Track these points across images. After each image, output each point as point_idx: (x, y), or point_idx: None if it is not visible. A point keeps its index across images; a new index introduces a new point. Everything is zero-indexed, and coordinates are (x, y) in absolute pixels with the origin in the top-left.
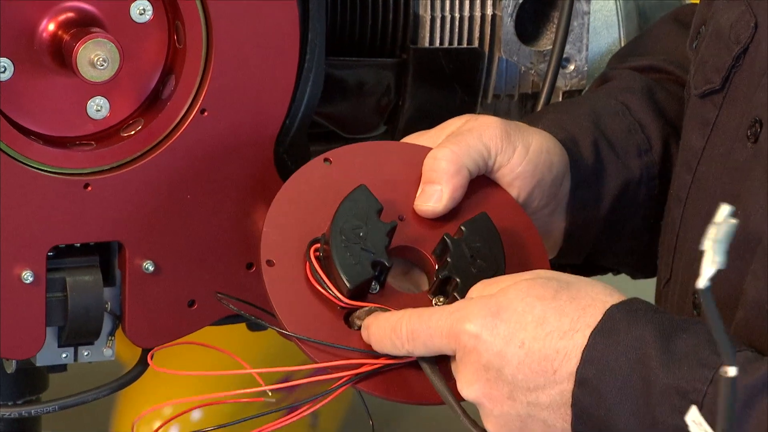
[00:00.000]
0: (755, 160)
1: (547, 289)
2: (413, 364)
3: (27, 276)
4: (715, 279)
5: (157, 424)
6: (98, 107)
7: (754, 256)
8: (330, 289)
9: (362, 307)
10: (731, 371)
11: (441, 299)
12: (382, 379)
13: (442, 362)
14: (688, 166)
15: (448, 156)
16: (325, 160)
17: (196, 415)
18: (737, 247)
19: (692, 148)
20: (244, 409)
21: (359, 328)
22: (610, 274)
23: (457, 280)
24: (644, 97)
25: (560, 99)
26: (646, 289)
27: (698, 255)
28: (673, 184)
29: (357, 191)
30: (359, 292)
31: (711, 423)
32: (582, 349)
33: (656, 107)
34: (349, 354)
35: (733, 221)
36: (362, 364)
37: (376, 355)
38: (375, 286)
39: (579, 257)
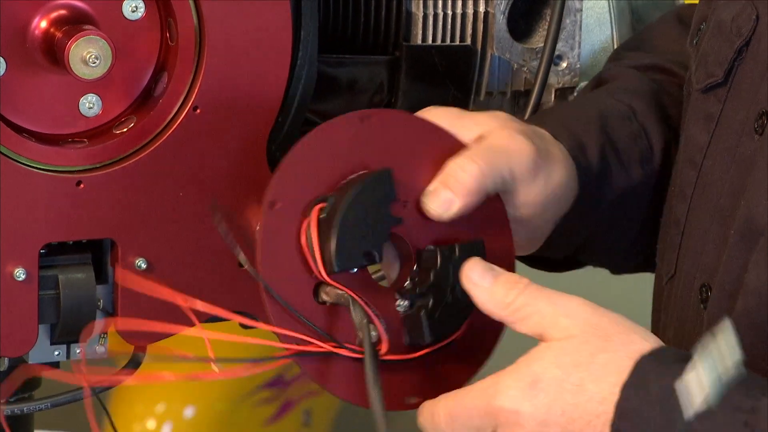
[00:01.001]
0: (761, 152)
1: (582, 354)
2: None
3: (19, 273)
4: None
5: (150, 421)
6: (90, 105)
7: (756, 246)
8: (315, 259)
9: (336, 288)
10: None
11: (404, 305)
12: (326, 367)
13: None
14: (693, 162)
15: (474, 173)
16: (361, 119)
17: (188, 412)
18: (741, 239)
19: (696, 144)
20: (237, 409)
21: (324, 302)
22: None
23: (430, 301)
24: (651, 102)
25: (552, 96)
26: (647, 285)
27: (706, 250)
28: (675, 181)
29: (382, 174)
30: (340, 272)
31: None
32: (615, 403)
33: (661, 112)
34: (303, 326)
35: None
36: (310, 342)
37: (327, 339)
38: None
39: (562, 254)
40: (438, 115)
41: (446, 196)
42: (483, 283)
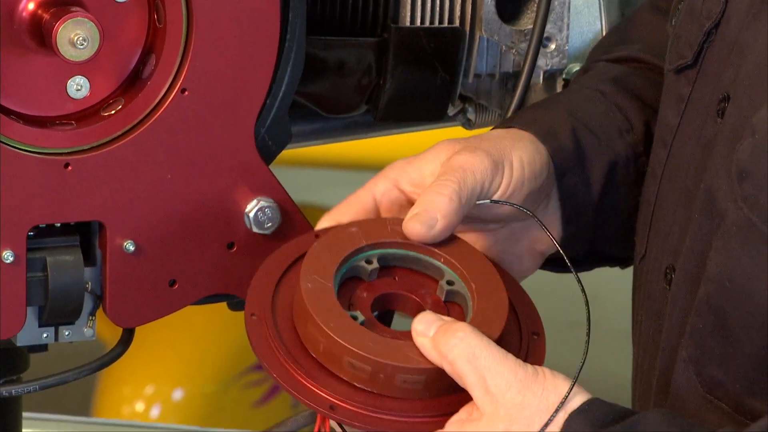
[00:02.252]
0: (721, 135)
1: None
2: None
3: (7, 256)
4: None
5: (139, 404)
6: (78, 87)
7: (718, 230)
8: None
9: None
10: None
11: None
12: None
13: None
14: (664, 142)
15: (453, 194)
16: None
17: (177, 394)
18: (702, 221)
19: (668, 124)
20: (226, 391)
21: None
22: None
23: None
24: (619, 83)
25: (541, 78)
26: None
27: (672, 231)
28: (650, 161)
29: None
30: None
31: None
32: None
33: (631, 91)
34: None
35: None
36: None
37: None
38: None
39: (582, 246)
40: (390, 168)
41: (428, 216)
42: (427, 333)
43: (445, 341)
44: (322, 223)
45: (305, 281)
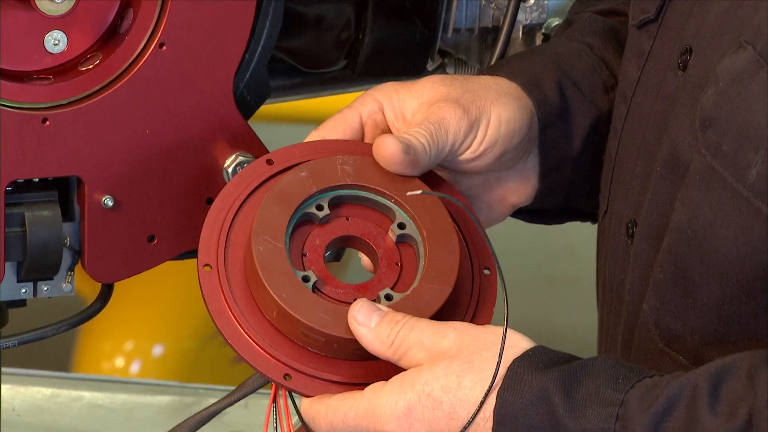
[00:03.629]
0: (683, 88)
1: (450, 377)
2: None
3: None
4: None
5: (119, 359)
6: (56, 41)
7: (681, 182)
8: None
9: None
10: None
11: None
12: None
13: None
14: (624, 97)
15: (426, 139)
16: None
17: (157, 350)
18: (665, 174)
19: (628, 80)
20: (205, 347)
21: None
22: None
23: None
24: (606, 36)
25: (521, 33)
26: None
27: (632, 185)
28: (612, 117)
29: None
30: None
31: None
32: (493, 409)
33: (619, 45)
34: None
35: None
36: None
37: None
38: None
39: (557, 200)
40: (378, 90)
41: (403, 139)
42: (368, 323)
43: (389, 333)
44: (310, 139)
45: (257, 244)
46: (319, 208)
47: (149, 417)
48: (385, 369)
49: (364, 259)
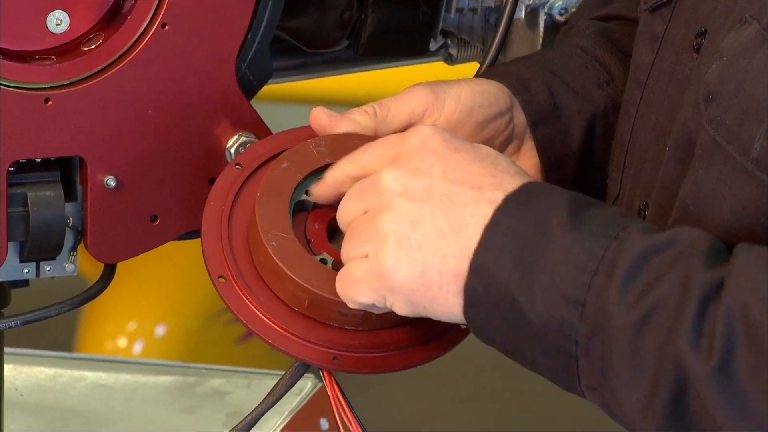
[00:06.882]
0: (697, 70)
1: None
2: None
3: None
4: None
5: (122, 339)
6: (58, 21)
7: (690, 163)
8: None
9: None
10: None
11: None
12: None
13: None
14: (638, 82)
15: (368, 108)
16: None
17: (160, 330)
18: (674, 154)
19: (642, 64)
20: (208, 327)
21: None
22: None
23: None
24: (597, 37)
25: (523, 13)
26: None
27: (644, 168)
28: (624, 101)
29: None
30: None
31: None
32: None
33: (612, 44)
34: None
35: None
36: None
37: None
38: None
39: None
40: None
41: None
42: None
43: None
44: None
45: (269, 241)
46: (309, 193)
47: (152, 397)
48: (426, 328)
49: None
